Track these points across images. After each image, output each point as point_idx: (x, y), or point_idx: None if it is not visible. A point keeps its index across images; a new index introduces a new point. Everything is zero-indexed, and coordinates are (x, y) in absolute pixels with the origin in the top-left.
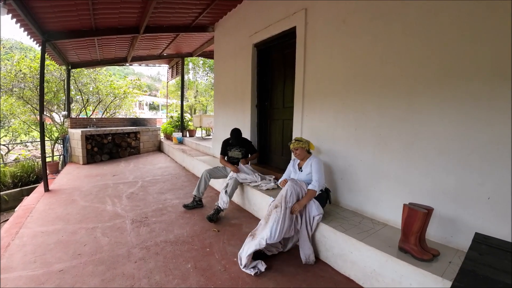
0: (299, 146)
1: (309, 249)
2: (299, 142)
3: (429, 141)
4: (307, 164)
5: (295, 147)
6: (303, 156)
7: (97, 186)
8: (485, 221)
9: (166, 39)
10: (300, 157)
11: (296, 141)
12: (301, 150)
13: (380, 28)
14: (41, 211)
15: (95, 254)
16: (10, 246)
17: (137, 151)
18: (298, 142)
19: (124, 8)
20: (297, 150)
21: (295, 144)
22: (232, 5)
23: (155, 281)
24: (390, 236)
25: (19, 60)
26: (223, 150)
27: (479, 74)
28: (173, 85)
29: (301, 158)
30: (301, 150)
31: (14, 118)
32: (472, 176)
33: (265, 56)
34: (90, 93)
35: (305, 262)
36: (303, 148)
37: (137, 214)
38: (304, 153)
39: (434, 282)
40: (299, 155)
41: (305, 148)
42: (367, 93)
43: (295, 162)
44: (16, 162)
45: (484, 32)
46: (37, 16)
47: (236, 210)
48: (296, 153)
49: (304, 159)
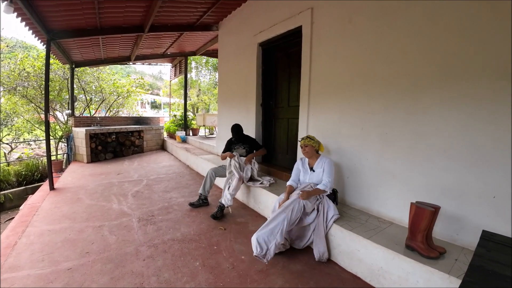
0: (310, 144)
1: (324, 247)
2: (310, 140)
3: (434, 140)
4: (319, 165)
5: (305, 143)
6: (311, 154)
7: (102, 184)
8: (490, 219)
9: (170, 38)
10: (307, 155)
11: (308, 138)
12: (310, 148)
13: (386, 28)
14: (47, 210)
15: (103, 252)
16: (17, 244)
17: (141, 149)
18: (310, 139)
19: (129, 7)
20: (307, 147)
21: (306, 141)
22: (236, 4)
23: (164, 279)
24: (397, 234)
25: (22, 58)
26: (227, 149)
27: (483, 74)
28: (176, 84)
29: (309, 156)
30: (310, 148)
31: (17, 117)
32: (477, 175)
33: (270, 55)
34: (93, 92)
35: (318, 259)
36: (313, 146)
37: (144, 213)
38: (312, 152)
39: (440, 279)
40: (307, 153)
41: (315, 148)
42: (373, 92)
43: (304, 162)
44: (20, 161)
45: (489, 33)
46: (42, 15)
47: (241, 208)
48: (305, 150)
49: (312, 158)
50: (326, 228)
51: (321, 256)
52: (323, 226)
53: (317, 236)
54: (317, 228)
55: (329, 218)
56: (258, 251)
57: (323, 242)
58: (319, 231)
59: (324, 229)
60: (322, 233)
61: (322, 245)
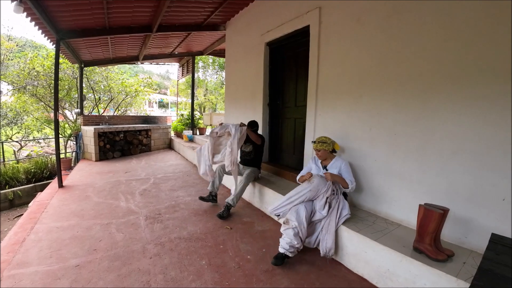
0: (322, 148)
1: (331, 242)
2: (322, 144)
3: (444, 141)
4: (333, 166)
5: (317, 148)
6: (325, 157)
7: (110, 182)
8: (499, 222)
9: (178, 38)
10: (321, 158)
11: (320, 143)
12: (323, 152)
13: (395, 27)
14: (55, 207)
15: (111, 249)
16: (25, 241)
17: (148, 148)
18: (321, 144)
19: (137, 7)
20: (319, 152)
21: (318, 145)
22: (244, 4)
23: (170, 277)
24: (404, 236)
25: (32, 58)
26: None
27: (495, 75)
28: (183, 83)
29: (323, 158)
30: (323, 152)
31: (27, 115)
32: (486, 177)
33: (277, 55)
34: (102, 91)
35: (324, 255)
36: (326, 150)
37: (151, 211)
38: (326, 154)
39: (448, 283)
40: (321, 156)
41: (328, 150)
42: (382, 92)
43: (317, 160)
44: (29, 159)
45: (502, 34)
46: (51, 15)
47: (247, 208)
48: (318, 154)
49: (327, 160)
50: (337, 224)
51: (327, 252)
52: (334, 222)
53: (326, 231)
54: (327, 223)
55: (342, 216)
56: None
57: (332, 237)
58: (329, 226)
59: (335, 225)
60: (333, 228)
61: (330, 240)
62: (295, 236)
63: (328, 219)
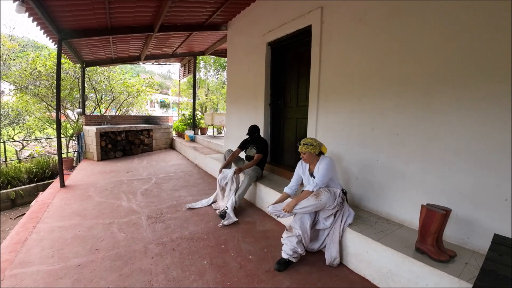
0: (308, 151)
1: (336, 252)
2: (308, 147)
3: (446, 141)
4: (317, 169)
5: (302, 151)
6: (310, 160)
7: (111, 182)
8: (502, 223)
9: (179, 38)
10: (307, 161)
11: (305, 145)
12: (309, 155)
13: (398, 27)
14: (57, 206)
15: (112, 249)
16: (27, 240)
17: (150, 148)
18: (307, 146)
19: (139, 7)
20: (305, 155)
21: (303, 148)
22: (245, 4)
23: (172, 276)
24: (406, 237)
25: (34, 58)
26: (241, 146)
27: (501, 74)
28: (185, 83)
29: (309, 162)
30: (308, 154)
31: (29, 115)
32: (489, 178)
33: (279, 55)
34: (104, 91)
35: (329, 264)
36: (311, 153)
37: (152, 210)
38: (311, 158)
39: (450, 283)
40: (306, 159)
41: (314, 153)
42: (384, 92)
43: (304, 167)
44: (31, 158)
45: (507, 32)
46: (54, 15)
47: (249, 207)
48: (303, 157)
49: (313, 163)
50: (341, 234)
51: (332, 261)
52: (339, 231)
53: (331, 240)
54: (332, 233)
55: (347, 224)
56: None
57: (336, 247)
58: (334, 235)
59: (339, 234)
60: (337, 238)
61: (335, 249)
62: (298, 243)
63: (332, 229)
